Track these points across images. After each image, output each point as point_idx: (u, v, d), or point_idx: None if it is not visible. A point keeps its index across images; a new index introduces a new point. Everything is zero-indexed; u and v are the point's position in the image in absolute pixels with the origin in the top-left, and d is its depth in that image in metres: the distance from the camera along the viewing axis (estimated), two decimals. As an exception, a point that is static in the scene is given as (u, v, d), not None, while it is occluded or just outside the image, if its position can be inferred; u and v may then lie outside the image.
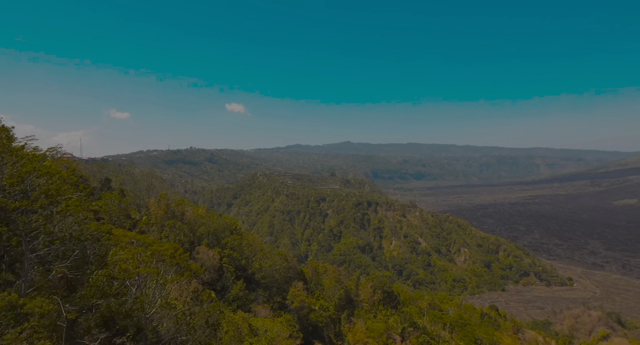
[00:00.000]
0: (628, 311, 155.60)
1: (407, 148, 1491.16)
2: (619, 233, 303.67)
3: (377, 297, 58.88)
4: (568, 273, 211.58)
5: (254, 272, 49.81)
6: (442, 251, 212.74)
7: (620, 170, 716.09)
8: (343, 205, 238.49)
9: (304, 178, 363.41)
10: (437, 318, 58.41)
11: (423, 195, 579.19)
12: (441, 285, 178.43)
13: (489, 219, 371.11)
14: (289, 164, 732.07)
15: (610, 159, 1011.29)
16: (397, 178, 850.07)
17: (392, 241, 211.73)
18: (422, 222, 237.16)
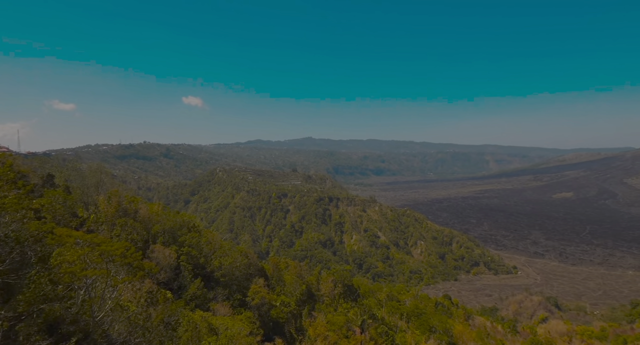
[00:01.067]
0: (564, 295, 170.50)
1: (368, 144, 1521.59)
2: (557, 224, 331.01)
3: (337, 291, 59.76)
4: (513, 262, 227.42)
5: (213, 270, 48.67)
6: (400, 244, 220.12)
7: (559, 166, 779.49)
8: (305, 201, 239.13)
9: (265, 174, 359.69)
10: (394, 309, 60.30)
11: (382, 191, 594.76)
12: (399, 277, 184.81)
13: (444, 212, 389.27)
14: (249, 160, 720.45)
15: (550, 156, 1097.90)
16: (357, 174, 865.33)
17: (352, 236, 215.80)
18: (381, 216, 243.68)
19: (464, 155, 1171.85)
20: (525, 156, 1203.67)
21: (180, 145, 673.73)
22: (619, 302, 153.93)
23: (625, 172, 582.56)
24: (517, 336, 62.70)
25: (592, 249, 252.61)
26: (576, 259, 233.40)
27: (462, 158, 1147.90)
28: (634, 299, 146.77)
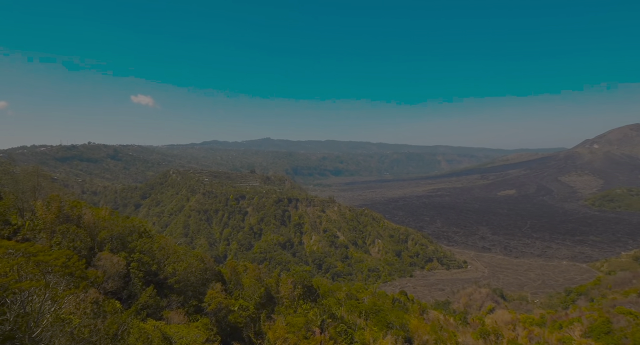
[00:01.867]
0: (508, 286, 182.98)
1: (326, 145, 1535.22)
2: (502, 220, 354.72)
3: (297, 292, 59.57)
4: (464, 256, 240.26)
5: (167, 276, 46.50)
6: (358, 243, 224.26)
7: (503, 165, 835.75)
8: (263, 203, 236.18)
9: (222, 175, 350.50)
10: (353, 307, 61.19)
11: (341, 191, 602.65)
12: (357, 276, 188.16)
13: (400, 211, 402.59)
14: (205, 161, 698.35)
15: (495, 156, 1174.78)
16: (316, 174, 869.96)
17: (312, 236, 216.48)
18: (340, 216, 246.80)
19: (418, 156, 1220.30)
20: (473, 156, 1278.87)
21: (130, 146, 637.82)
22: (556, 290, 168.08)
23: (559, 171, 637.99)
24: (468, 327, 66.25)
25: (532, 242, 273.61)
26: (519, 252, 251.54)
27: (416, 158, 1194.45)
28: (567, 287, 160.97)
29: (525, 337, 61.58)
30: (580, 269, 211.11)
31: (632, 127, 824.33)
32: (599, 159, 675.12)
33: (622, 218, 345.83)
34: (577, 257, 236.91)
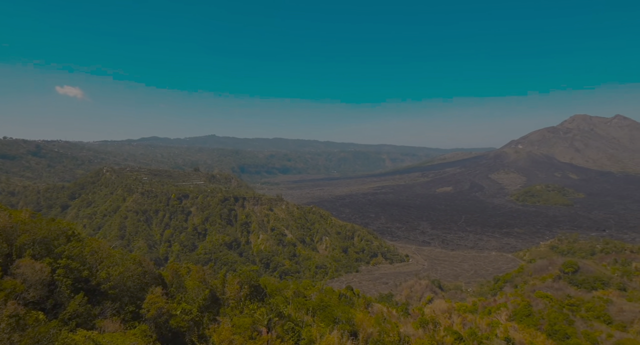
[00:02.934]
0: (445, 277, 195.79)
1: (274, 143, 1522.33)
2: (440, 215, 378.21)
3: (244, 293, 58.42)
4: (406, 251, 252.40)
5: (100, 282, 42.98)
6: (306, 241, 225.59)
7: (441, 163, 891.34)
8: (208, 202, 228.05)
9: (163, 174, 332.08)
10: (301, 305, 61.40)
11: (289, 189, 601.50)
12: (305, 273, 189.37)
13: (346, 208, 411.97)
14: (144, 159, 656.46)
15: (434, 155, 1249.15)
16: (264, 172, 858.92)
17: (259, 235, 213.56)
18: (288, 214, 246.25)
19: (364, 155, 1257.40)
20: (414, 155, 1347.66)
21: (55, 142, 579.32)
22: (486, 279, 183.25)
23: (489, 169, 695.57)
24: (409, 318, 69.75)
25: (466, 235, 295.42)
26: (455, 245, 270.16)
27: (362, 157, 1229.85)
28: (496, 275, 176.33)
29: (459, 323, 66.31)
30: (506, 258, 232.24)
31: (549, 130, 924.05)
32: (522, 158, 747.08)
33: (541, 211, 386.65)
34: (504, 247, 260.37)
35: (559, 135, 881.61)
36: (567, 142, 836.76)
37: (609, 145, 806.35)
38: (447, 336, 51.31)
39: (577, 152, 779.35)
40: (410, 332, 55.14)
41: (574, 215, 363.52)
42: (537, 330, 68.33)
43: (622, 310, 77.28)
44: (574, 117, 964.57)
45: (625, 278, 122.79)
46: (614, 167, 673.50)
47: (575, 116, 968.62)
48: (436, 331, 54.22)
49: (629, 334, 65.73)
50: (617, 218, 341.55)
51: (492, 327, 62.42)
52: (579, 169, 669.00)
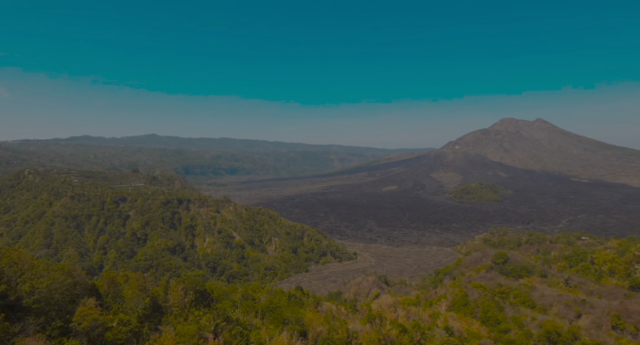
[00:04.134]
0: (391, 272, 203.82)
1: (221, 143, 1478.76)
2: (386, 213, 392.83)
3: (188, 299, 55.89)
4: (354, 249, 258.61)
5: (21, 296, 38.56)
6: (255, 243, 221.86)
7: (387, 163, 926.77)
8: (149, 205, 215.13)
9: (97, 176, 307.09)
10: (250, 308, 60.20)
11: (237, 190, 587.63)
12: (255, 276, 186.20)
13: (296, 208, 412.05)
14: (74, 160, 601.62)
15: (380, 155, 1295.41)
16: (210, 173, 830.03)
17: (205, 238, 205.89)
18: (236, 216, 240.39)
19: (313, 155, 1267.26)
20: (361, 155, 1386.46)
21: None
22: (428, 272, 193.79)
23: (430, 168, 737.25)
24: (357, 314, 71.47)
25: (410, 232, 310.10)
26: (399, 241, 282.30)
27: (311, 157, 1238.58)
28: (436, 268, 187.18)
29: (404, 316, 69.35)
30: (446, 252, 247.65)
31: (482, 132, 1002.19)
32: (459, 158, 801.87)
33: (476, 207, 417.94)
34: (444, 242, 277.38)
35: (490, 137, 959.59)
36: (497, 143, 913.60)
37: (532, 146, 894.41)
38: (392, 329, 53.34)
39: (506, 152, 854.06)
40: (359, 327, 56.54)
41: (503, 210, 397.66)
42: (473, 317, 73.68)
43: (544, 295, 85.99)
44: (502, 120, 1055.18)
45: (545, 266, 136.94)
46: (536, 165, 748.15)
47: (503, 119, 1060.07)
48: (382, 325, 56.15)
49: (549, 316, 73.30)
50: (539, 212, 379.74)
51: (433, 318, 66.14)
52: (507, 167, 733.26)
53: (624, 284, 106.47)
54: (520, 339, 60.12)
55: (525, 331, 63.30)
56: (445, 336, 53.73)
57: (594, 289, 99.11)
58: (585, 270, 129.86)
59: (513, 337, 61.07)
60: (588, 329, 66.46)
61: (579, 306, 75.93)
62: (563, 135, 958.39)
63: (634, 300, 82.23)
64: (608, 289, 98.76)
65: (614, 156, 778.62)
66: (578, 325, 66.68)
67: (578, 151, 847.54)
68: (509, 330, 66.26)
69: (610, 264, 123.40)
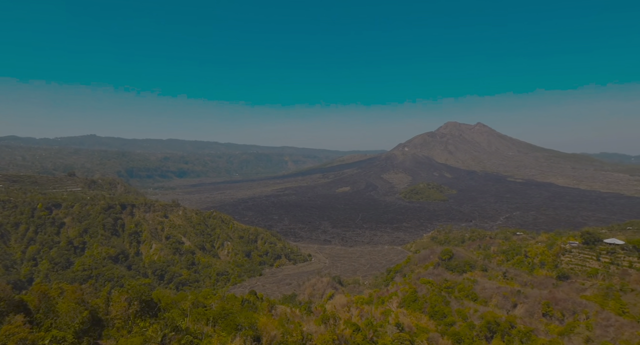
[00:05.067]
0: (345, 272, 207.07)
1: (168, 144, 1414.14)
2: (339, 214, 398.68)
3: (133, 310, 52.55)
4: (308, 250, 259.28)
5: None
6: (206, 248, 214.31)
7: (340, 165, 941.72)
8: (87, 211, 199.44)
9: (26, 180, 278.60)
10: (200, 315, 58.04)
11: (187, 193, 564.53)
12: (206, 282, 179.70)
13: (249, 211, 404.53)
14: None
15: (334, 157, 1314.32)
16: (157, 176, 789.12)
17: (152, 245, 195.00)
18: (185, 221, 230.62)
19: (266, 156, 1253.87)
20: (315, 157, 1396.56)
21: None
22: (380, 271, 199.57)
23: (382, 169, 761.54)
24: (312, 315, 71.61)
25: (363, 232, 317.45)
26: (353, 242, 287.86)
27: (265, 159, 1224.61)
28: (388, 267, 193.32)
29: (357, 315, 70.69)
30: (397, 251, 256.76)
31: (429, 135, 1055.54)
32: (408, 160, 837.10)
33: (424, 207, 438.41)
34: (395, 241, 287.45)
35: (436, 139, 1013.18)
36: (443, 145, 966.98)
37: (473, 148, 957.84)
38: (346, 329, 54.11)
39: (450, 154, 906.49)
40: (313, 329, 56.65)
41: (449, 209, 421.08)
42: (422, 313, 77.01)
43: (485, 288, 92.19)
44: (447, 124, 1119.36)
45: (486, 260, 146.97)
46: (477, 166, 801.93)
47: (448, 123, 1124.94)
48: (337, 325, 56.76)
49: (489, 307, 78.68)
50: (480, 210, 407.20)
51: (385, 315, 68.10)
52: (452, 168, 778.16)
53: (552, 274, 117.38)
54: (464, 330, 63.82)
55: (468, 323, 67.31)
56: (397, 332, 55.53)
57: (527, 280, 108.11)
58: (520, 263, 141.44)
59: (458, 329, 64.67)
60: (523, 317, 72.26)
61: (515, 297, 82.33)
62: (500, 138, 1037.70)
63: (561, 288, 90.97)
64: (539, 279, 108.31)
65: (543, 158, 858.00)
66: (514, 315, 72.24)
67: (513, 153, 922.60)
68: (455, 322, 70.10)
69: (541, 257, 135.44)
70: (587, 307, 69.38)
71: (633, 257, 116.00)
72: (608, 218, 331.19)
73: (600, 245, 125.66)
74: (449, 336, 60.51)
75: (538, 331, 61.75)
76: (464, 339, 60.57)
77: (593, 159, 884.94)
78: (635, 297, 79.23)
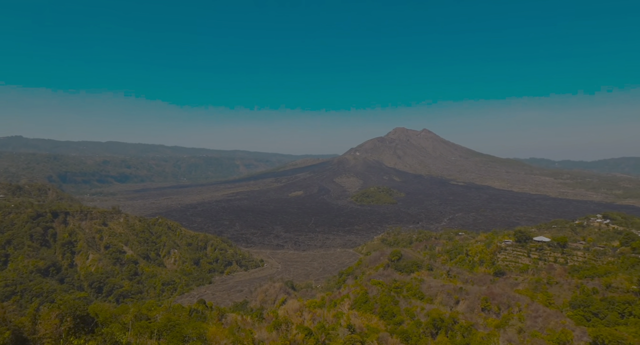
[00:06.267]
0: (298, 277, 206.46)
1: (108, 147, 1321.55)
2: (292, 218, 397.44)
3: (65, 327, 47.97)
4: (261, 256, 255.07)
5: None
6: (151, 256, 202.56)
7: (293, 169, 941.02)
8: (11, 220, 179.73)
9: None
10: (144, 328, 54.47)
11: (129, 199, 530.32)
12: (150, 293, 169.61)
13: (198, 217, 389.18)
14: None
15: (287, 161, 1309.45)
16: (95, 181, 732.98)
17: (89, 255, 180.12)
18: (128, 228, 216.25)
19: (217, 160, 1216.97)
20: (268, 161, 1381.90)
21: None
22: (332, 274, 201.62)
23: (334, 173, 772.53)
24: (263, 322, 70.28)
25: (315, 236, 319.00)
26: (306, 246, 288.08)
27: (215, 163, 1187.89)
28: (340, 270, 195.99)
29: (310, 319, 70.64)
30: (349, 253, 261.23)
31: (379, 139, 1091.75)
32: (360, 164, 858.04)
33: (374, 210, 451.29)
34: (347, 244, 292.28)
35: (386, 144, 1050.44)
36: (392, 150, 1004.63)
37: (420, 153, 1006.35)
38: (298, 334, 53.83)
39: (399, 159, 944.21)
40: (265, 336, 55.63)
41: (398, 211, 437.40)
42: (373, 313, 78.89)
43: (430, 287, 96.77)
44: (395, 129, 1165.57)
45: (432, 260, 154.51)
46: (423, 170, 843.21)
47: (396, 128, 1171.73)
48: (289, 331, 56.27)
49: (434, 305, 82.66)
50: (426, 212, 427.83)
51: (337, 318, 68.77)
52: (400, 172, 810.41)
53: (490, 271, 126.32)
54: (412, 328, 66.38)
55: (416, 321, 70.13)
56: (348, 334, 56.31)
57: (468, 277, 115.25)
58: (462, 261, 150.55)
59: (406, 328, 67.10)
60: (464, 312, 76.78)
61: (458, 294, 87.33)
62: (444, 143, 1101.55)
63: (497, 284, 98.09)
64: (479, 276, 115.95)
65: (481, 162, 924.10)
66: (457, 311, 76.54)
67: (455, 158, 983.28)
68: (403, 321, 72.67)
69: (480, 255, 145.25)
70: (520, 300, 75.51)
71: (557, 253, 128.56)
72: (537, 217, 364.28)
73: (531, 243, 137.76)
74: (397, 335, 62.57)
75: (478, 325, 66.02)
76: (412, 337, 63.01)
77: (524, 164, 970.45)
78: (559, 289, 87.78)
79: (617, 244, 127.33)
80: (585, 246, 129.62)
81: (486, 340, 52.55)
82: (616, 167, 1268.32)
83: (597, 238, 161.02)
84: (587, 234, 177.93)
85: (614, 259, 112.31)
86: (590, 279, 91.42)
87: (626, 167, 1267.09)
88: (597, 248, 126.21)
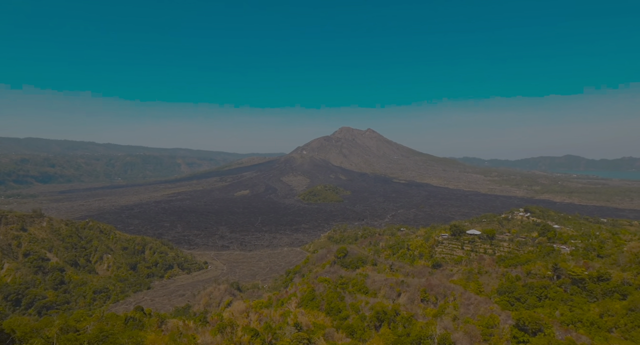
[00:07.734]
0: (244, 278, 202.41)
1: (27, 144, 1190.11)
2: (238, 218, 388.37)
3: (-27, 348, 42.47)
4: (204, 257, 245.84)
5: None
6: (80, 263, 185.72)
7: (239, 168, 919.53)
8: None
9: None
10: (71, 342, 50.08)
11: (54, 201, 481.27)
12: (80, 302, 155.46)
13: (135, 219, 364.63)
14: None
15: (232, 159, 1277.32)
16: (11, 182, 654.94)
17: (3, 265, 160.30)
18: (52, 233, 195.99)
19: (156, 159, 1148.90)
20: (212, 159, 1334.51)
21: None
22: (279, 273, 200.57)
23: (281, 172, 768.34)
24: (207, 326, 67.82)
25: (262, 235, 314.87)
26: (252, 246, 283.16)
27: (154, 161, 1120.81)
28: (287, 269, 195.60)
29: (256, 320, 69.56)
30: (296, 252, 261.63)
31: (325, 139, 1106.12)
32: (307, 163, 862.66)
33: (321, 208, 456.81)
34: (294, 243, 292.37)
35: (332, 143, 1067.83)
36: (338, 149, 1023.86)
37: (364, 152, 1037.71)
38: (244, 335, 52.78)
39: (345, 158, 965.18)
40: (209, 340, 53.72)
41: (344, 209, 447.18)
42: (319, 310, 79.80)
43: (374, 281, 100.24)
44: (341, 129, 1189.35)
45: (376, 255, 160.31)
46: (368, 169, 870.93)
47: (342, 128, 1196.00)
48: (234, 333, 54.90)
49: (378, 299, 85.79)
50: (370, 209, 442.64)
51: (284, 317, 68.49)
52: (346, 171, 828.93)
53: (429, 263, 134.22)
54: (357, 322, 68.29)
55: (360, 315, 72.25)
56: (295, 332, 56.32)
57: (409, 270, 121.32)
58: (404, 255, 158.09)
59: (351, 322, 68.85)
60: (405, 304, 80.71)
61: (399, 286, 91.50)
62: (387, 143, 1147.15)
63: (435, 275, 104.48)
64: (419, 269, 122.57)
65: (421, 161, 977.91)
66: (399, 303, 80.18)
67: (397, 157, 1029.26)
68: (349, 316, 74.46)
69: (420, 249, 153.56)
70: (455, 290, 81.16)
71: (486, 244, 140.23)
72: (469, 212, 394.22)
73: (464, 236, 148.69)
74: (343, 330, 63.96)
75: (417, 315, 69.80)
76: (357, 330, 64.80)
77: (458, 162, 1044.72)
78: (488, 277, 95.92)
79: (536, 234, 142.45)
80: (510, 237, 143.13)
81: (425, 329, 55.73)
82: (535, 165, 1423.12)
83: (519, 230, 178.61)
84: (511, 226, 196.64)
85: (533, 248, 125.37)
86: (514, 267, 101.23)
87: (543, 165, 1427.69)
88: (520, 239, 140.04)
